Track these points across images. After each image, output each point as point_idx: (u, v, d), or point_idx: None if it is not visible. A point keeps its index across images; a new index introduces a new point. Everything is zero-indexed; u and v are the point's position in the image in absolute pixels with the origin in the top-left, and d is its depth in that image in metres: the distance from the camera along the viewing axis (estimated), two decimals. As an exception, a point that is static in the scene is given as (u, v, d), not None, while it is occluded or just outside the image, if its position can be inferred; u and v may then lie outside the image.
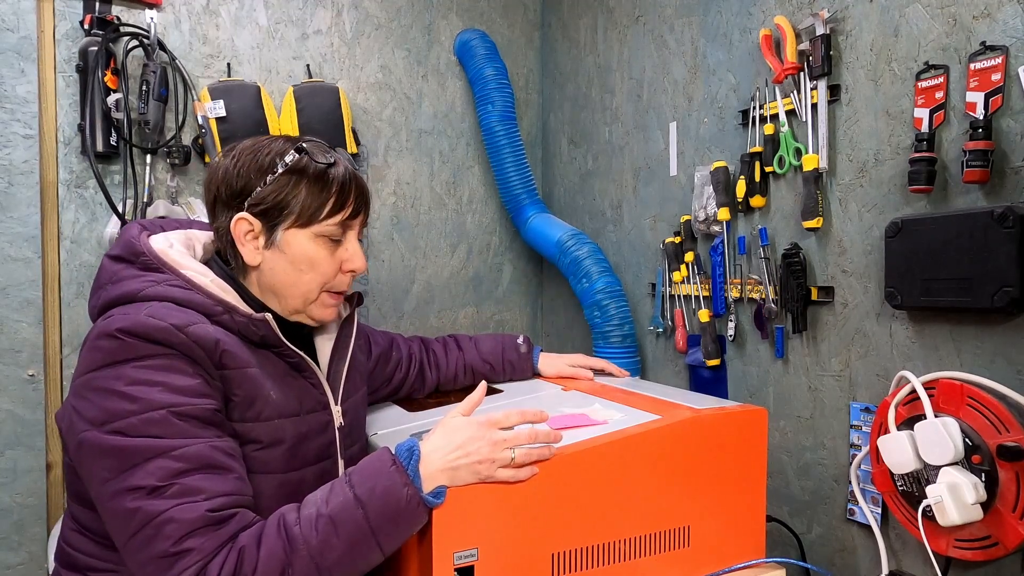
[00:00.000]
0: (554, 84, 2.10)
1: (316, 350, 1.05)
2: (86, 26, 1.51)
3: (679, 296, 1.58)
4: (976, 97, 0.98)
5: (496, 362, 1.40)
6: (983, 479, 0.94)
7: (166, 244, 0.94)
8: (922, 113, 1.05)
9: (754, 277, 1.37)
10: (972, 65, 0.98)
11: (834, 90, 1.20)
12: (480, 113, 1.97)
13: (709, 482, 1.05)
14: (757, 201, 1.34)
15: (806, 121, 1.24)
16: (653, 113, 1.66)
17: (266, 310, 0.95)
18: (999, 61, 0.95)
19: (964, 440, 0.95)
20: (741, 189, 1.36)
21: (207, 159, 1.63)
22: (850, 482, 1.19)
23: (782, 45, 1.26)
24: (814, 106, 1.22)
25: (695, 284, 1.52)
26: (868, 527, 1.16)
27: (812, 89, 1.22)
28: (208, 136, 1.59)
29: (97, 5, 1.54)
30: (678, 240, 1.55)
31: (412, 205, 1.98)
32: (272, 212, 0.92)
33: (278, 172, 0.92)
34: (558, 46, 2.07)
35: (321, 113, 1.70)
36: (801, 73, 1.24)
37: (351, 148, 1.75)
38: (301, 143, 0.94)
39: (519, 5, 2.12)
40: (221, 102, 1.58)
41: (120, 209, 1.52)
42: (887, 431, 1.05)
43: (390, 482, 0.82)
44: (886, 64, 1.12)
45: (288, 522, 0.80)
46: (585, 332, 1.87)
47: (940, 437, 0.95)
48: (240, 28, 1.72)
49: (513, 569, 0.91)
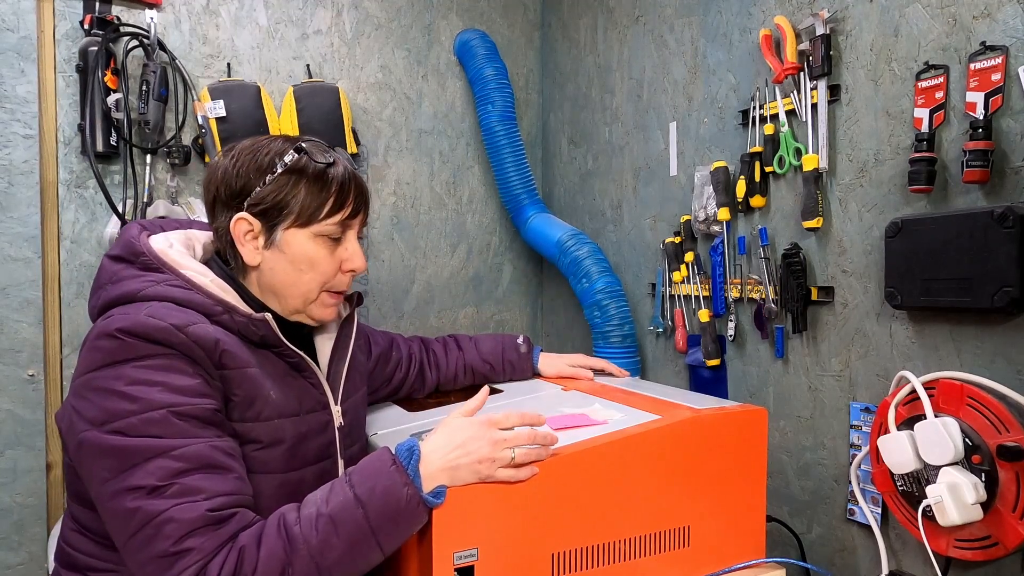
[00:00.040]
0: (554, 84, 2.10)
1: (316, 350, 1.05)
2: (86, 26, 1.51)
3: (679, 296, 1.58)
4: (976, 97, 0.98)
5: (496, 362, 1.40)
6: (983, 479, 0.94)
7: (166, 244, 0.94)
8: (922, 113, 1.05)
9: (754, 277, 1.37)
10: (972, 65, 0.98)
11: (834, 90, 1.20)
12: (480, 113, 1.97)
13: (709, 482, 1.05)
14: (757, 201, 1.34)
15: (806, 121, 1.24)
16: (653, 113, 1.66)
17: (266, 310, 0.95)
18: (999, 61, 0.95)
19: (964, 440, 0.95)
20: (741, 189, 1.36)
21: (207, 159, 1.63)
22: (850, 482, 1.19)
23: (782, 45, 1.26)
24: (814, 106, 1.22)
25: (695, 284, 1.52)
26: (868, 527, 1.16)
27: (812, 89, 1.22)
28: (208, 136, 1.59)
29: (97, 5, 1.54)
30: (678, 240, 1.55)
31: (412, 205, 1.98)
32: (271, 212, 0.93)
33: (277, 172, 0.92)
34: (558, 46, 2.07)
35: (321, 113, 1.70)
36: (801, 73, 1.24)
37: (351, 148, 1.75)
38: (300, 143, 0.94)
39: (519, 5, 2.12)
40: (221, 102, 1.58)
41: (120, 209, 1.52)
42: (887, 431, 1.05)
43: (390, 482, 0.82)
44: (886, 64, 1.12)
45: (288, 522, 0.80)
46: (585, 332, 1.87)
47: (940, 437, 0.95)
48: (240, 28, 1.72)
49: (513, 569, 0.91)
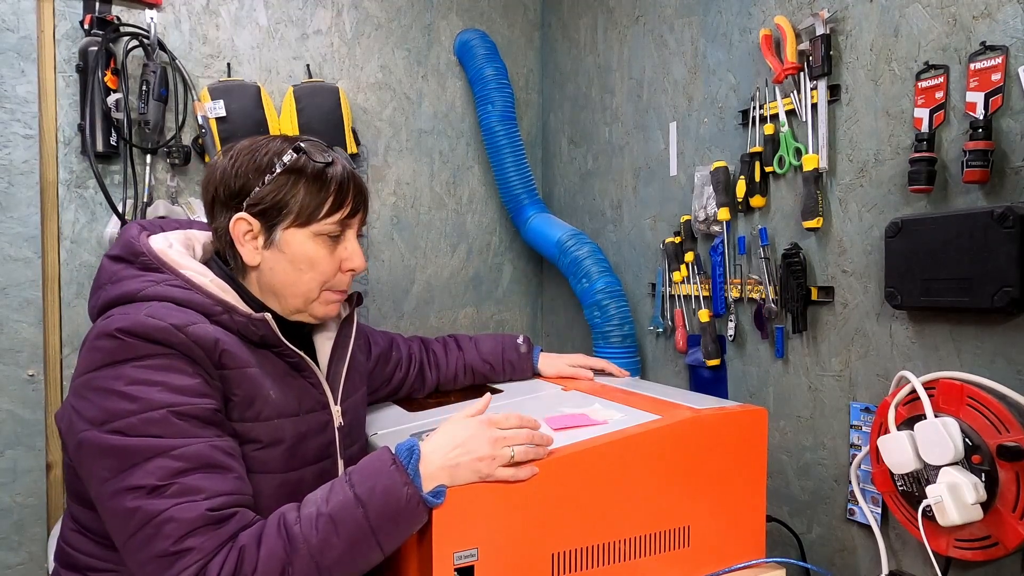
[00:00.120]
0: (554, 84, 2.10)
1: (316, 350, 1.05)
2: (86, 26, 1.51)
3: (679, 296, 1.58)
4: (976, 97, 0.98)
5: (496, 362, 1.40)
6: (983, 479, 0.94)
7: (165, 244, 0.94)
8: (922, 113, 1.05)
9: (754, 277, 1.37)
10: (972, 65, 0.98)
11: (834, 90, 1.20)
12: (480, 113, 1.97)
13: (709, 482, 1.05)
14: (757, 201, 1.34)
15: (806, 121, 1.24)
16: (653, 113, 1.66)
17: (265, 310, 0.95)
18: (999, 61, 0.95)
19: (964, 440, 0.95)
20: (741, 189, 1.36)
21: (207, 159, 1.63)
22: (850, 482, 1.19)
23: (782, 45, 1.26)
24: (814, 106, 1.22)
25: (695, 284, 1.52)
26: (868, 527, 1.16)
27: (812, 89, 1.22)
28: (208, 136, 1.59)
29: (97, 5, 1.54)
30: (678, 240, 1.55)
31: (412, 205, 1.98)
32: (271, 212, 0.93)
33: (276, 172, 0.92)
34: (558, 46, 2.07)
35: (321, 113, 1.70)
36: (801, 73, 1.24)
37: (351, 148, 1.75)
38: (299, 143, 0.94)
39: (519, 5, 2.12)
40: (221, 102, 1.58)
41: (120, 209, 1.52)
42: (887, 431, 1.05)
43: (390, 481, 0.82)
44: (886, 64, 1.12)
45: (288, 521, 0.80)
46: (585, 332, 1.87)
47: (940, 437, 0.95)
48: (240, 28, 1.72)
49: (513, 569, 0.91)
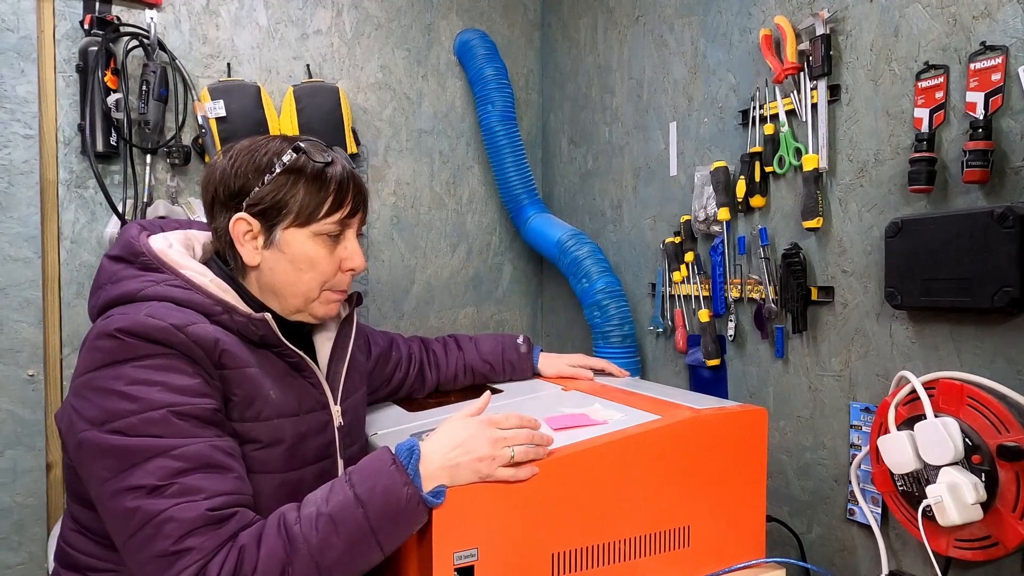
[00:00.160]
0: (554, 84, 2.10)
1: (315, 350, 1.05)
2: (86, 26, 1.51)
3: (679, 296, 1.58)
4: (976, 97, 0.98)
5: (496, 362, 1.40)
6: (983, 479, 0.94)
7: (165, 244, 0.94)
8: (922, 113, 1.05)
9: (754, 277, 1.37)
10: (972, 65, 0.98)
11: (834, 90, 1.20)
12: (480, 113, 1.96)
13: (709, 482, 1.05)
14: (757, 201, 1.34)
15: (806, 121, 1.24)
16: (653, 113, 1.66)
17: (265, 310, 0.95)
18: (999, 61, 0.95)
19: (964, 440, 0.95)
20: (741, 189, 1.36)
21: (207, 159, 1.63)
22: (850, 482, 1.19)
23: (782, 45, 1.26)
24: (814, 106, 1.22)
25: (695, 284, 1.52)
26: (868, 527, 1.16)
27: (812, 89, 1.22)
28: (208, 136, 1.59)
29: (97, 5, 1.54)
30: (678, 240, 1.55)
31: (412, 205, 1.98)
32: (270, 212, 0.93)
33: (276, 172, 0.92)
34: (558, 46, 2.07)
35: (321, 113, 1.70)
36: (801, 73, 1.24)
37: (351, 148, 1.75)
38: (298, 142, 0.94)
39: (519, 5, 2.12)
40: (221, 102, 1.58)
41: (120, 209, 1.52)
42: (887, 431, 1.05)
43: (390, 481, 0.82)
44: (886, 64, 1.12)
45: (288, 521, 0.80)
46: (585, 332, 1.87)
47: (940, 437, 0.95)
48: (240, 28, 1.72)
49: (513, 569, 0.91)
